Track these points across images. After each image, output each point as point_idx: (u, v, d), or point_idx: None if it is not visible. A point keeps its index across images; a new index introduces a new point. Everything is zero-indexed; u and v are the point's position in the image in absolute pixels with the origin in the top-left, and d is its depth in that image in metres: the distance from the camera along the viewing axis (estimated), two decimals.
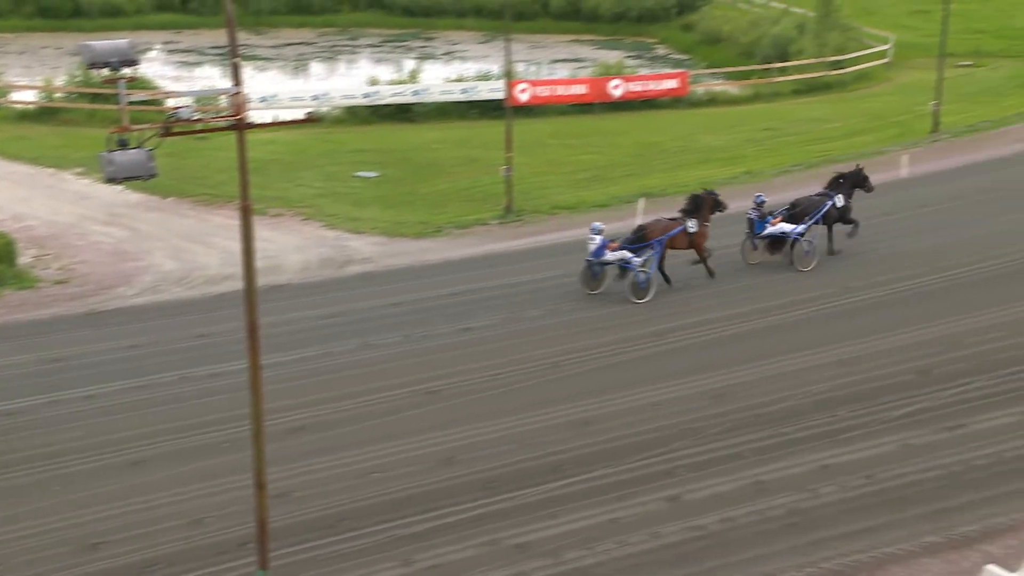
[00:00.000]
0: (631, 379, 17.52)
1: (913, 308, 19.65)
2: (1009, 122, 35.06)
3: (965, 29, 51.68)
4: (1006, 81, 43.10)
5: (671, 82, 43.81)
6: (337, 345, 19.16)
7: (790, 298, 20.49)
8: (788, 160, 32.89)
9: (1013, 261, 21.52)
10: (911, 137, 34.51)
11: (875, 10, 58.06)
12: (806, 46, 47.35)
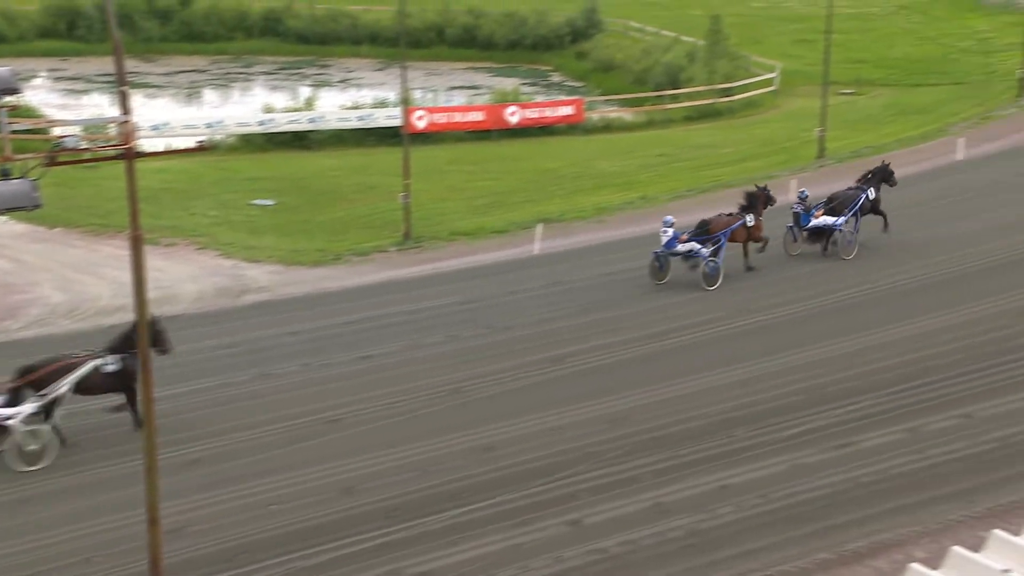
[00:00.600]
0: (531, 404, 17.59)
1: (803, 329, 20.15)
2: (888, 148, 36.33)
3: (846, 59, 53.52)
4: (885, 109, 44.71)
5: (567, 109, 44.35)
6: (234, 375, 18.82)
7: (688, 321, 20.83)
8: (682, 185, 33.53)
9: (895, 284, 22.25)
10: (798, 162, 35.50)
11: (761, 39, 59.76)
12: (696, 74, 48.46)
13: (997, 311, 20.16)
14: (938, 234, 25.10)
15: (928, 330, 19.59)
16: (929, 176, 31.80)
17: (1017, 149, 34.05)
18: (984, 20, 61.83)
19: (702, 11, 62.76)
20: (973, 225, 25.69)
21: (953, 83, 48.55)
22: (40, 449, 15.63)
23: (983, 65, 51.43)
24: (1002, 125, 38.19)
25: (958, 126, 38.78)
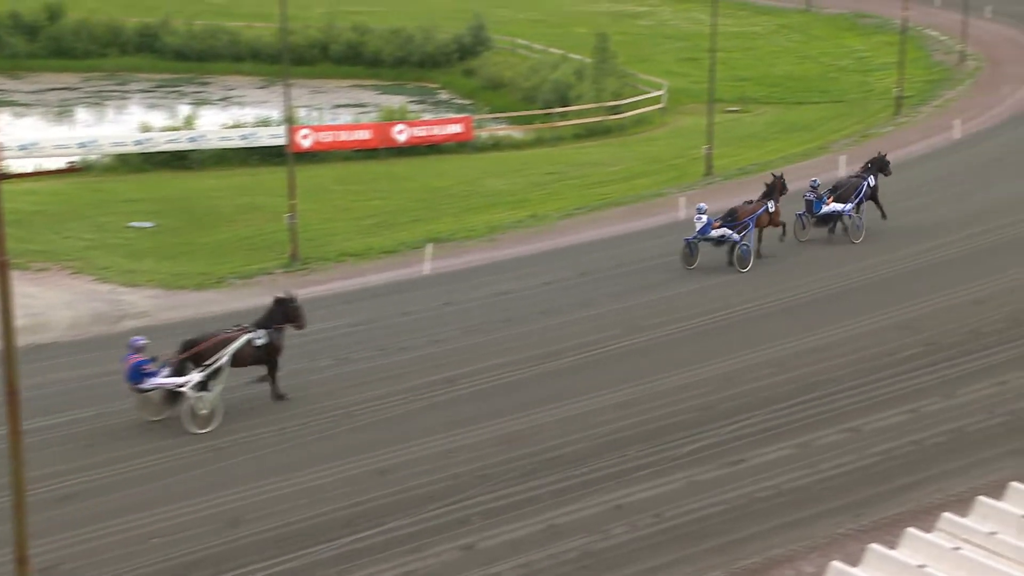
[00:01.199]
0: (425, 426, 17.49)
1: (693, 347, 20.49)
2: (773, 165, 37.26)
3: (731, 76, 54.92)
4: (769, 126, 45.95)
5: (455, 127, 44.44)
6: (112, 405, 18.26)
7: (581, 340, 20.98)
8: (572, 203, 33.85)
9: (779, 300, 22.80)
10: (687, 179, 36.19)
11: (648, 57, 60.89)
12: (585, 91, 49.09)
13: (879, 326, 20.83)
14: (823, 251, 25.83)
15: (814, 346, 20.11)
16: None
17: (894, 167, 35.24)
18: (860, 40, 64.13)
19: (588, 29, 63.70)
20: (852, 243, 26.48)
21: (833, 101, 50.18)
22: (209, 413, 17.57)
23: (861, 84, 53.31)
24: (880, 142, 39.55)
25: (839, 143, 40.07)
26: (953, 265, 24.09)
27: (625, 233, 29.65)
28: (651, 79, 52.97)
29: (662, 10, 78.92)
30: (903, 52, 45.88)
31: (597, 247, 28.31)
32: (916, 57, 55.36)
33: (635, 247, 27.90)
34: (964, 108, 43.40)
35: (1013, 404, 17.12)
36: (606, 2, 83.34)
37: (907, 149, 37.62)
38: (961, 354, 19.09)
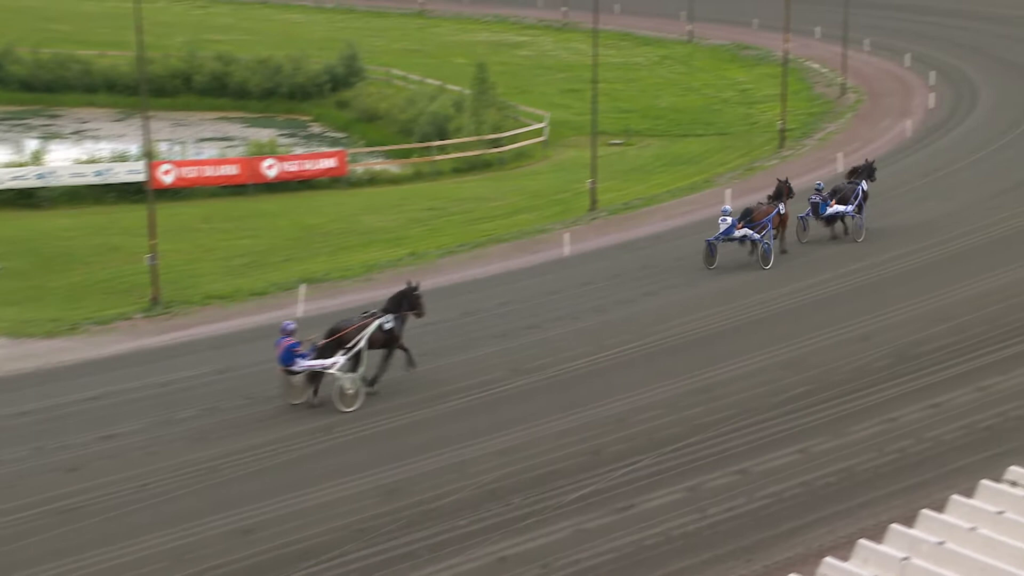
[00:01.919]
0: (298, 479, 17.22)
1: (577, 389, 20.65)
2: (660, 199, 38.10)
3: (614, 109, 55.99)
4: (654, 159, 46.92)
5: (329, 161, 44.23)
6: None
7: (459, 384, 20.97)
8: (453, 240, 33.93)
9: (668, 338, 23.20)
10: (571, 215, 36.63)
11: (529, 88, 61.67)
12: (464, 124, 49.42)
13: (765, 365, 21.32)
14: (702, 290, 26.35)
15: (702, 385, 20.48)
16: (699, 228, 33.47)
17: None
18: (743, 71, 66.12)
19: (466, 59, 64.27)
20: (735, 279, 27.14)
21: (718, 134, 51.55)
22: (355, 393, 19.82)
23: (745, 116, 54.91)
24: (765, 175, 40.74)
25: (725, 176, 41.14)
26: (839, 301, 24.87)
27: (509, 270, 29.83)
28: (532, 111, 53.64)
29: (543, 40, 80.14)
30: (785, 84, 47.46)
31: (480, 285, 28.42)
32: (798, 89, 57.29)
33: (519, 285, 28.08)
34: (846, 141, 45.04)
35: (902, 442, 17.69)
36: (484, 31, 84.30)
37: (793, 182, 38.71)
38: (849, 391, 19.68)
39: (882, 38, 66.12)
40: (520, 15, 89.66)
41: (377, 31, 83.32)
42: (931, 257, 27.38)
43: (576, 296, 26.51)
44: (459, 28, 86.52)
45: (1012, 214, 30.70)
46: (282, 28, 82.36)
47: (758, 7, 78.64)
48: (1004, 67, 57.04)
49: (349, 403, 19.77)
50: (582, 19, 78.36)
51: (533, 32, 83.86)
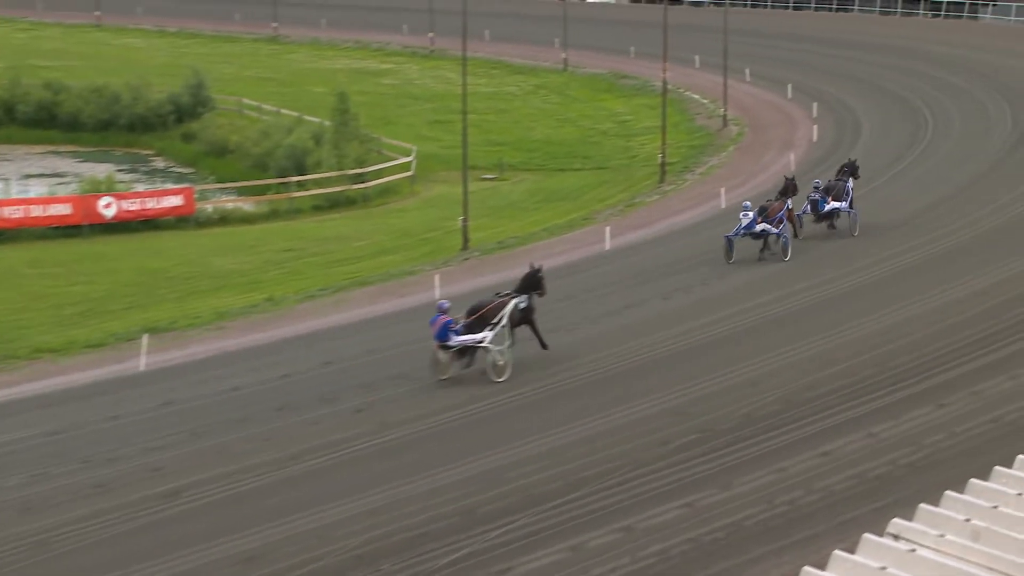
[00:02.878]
0: (139, 551, 16.78)
1: (449, 444, 20.61)
2: (536, 237, 38.50)
3: (486, 141, 56.56)
4: (529, 195, 47.46)
5: (174, 199, 43.57)
6: None
7: (315, 443, 20.69)
8: (314, 284, 33.72)
9: (547, 386, 23.32)
10: (442, 255, 36.76)
11: (394, 120, 61.88)
12: (325, 158, 49.28)
13: (649, 413, 21.60)
14: (581, 334, 26.65)
15: (581, 436, 20.61)
16: (578, 267, 33.97)
17: (661, 238, 37.15)
18: (621, 102, 67.53)
19: (325, 88, 64.16)
20: (621, 320, 27.58)
21: (596, 168, 52.46)
22: (504, 364, 23.28)
23: (624, 149, 56.02)
24: (647, 212, 41.62)
25: (604, 212, 41.82)
26: (727, 344, 25.41)
27: (374, 316, 29.74)
28: (398, 144, 53.81)
29: (408, 68, 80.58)
30: (665, 116, 48.60)
31: (343, 332, 28.25)
32: (678, 121, 58.74)
33: (387, 331, 28.01)
34: (729, 175, 46.29)
35: (792, 493, 18.08)
36: (344, 58, 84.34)
37: (674, 218, 39.69)
38: (737, 440, 20.06)
39: (763, 67, 68.30)
40: (383, 41, 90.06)
41: (226, 57, 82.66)
42: (814, 298, 28.19)
43: None
44: (316, 54, 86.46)
45: (896, 252, 31.81)
46: (119, 53, 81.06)
47: (635, 35, 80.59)
48: (884, 97, 59.45)
49: (500, 373, 23.28)
50: (450, 46, 79.03)
51: (397, 59, 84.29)
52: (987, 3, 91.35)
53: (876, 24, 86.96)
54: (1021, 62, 65.74)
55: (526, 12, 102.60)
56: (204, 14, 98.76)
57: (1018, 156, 43.83)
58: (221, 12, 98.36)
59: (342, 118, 51.82)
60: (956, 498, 12.32)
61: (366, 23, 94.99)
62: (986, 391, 21.42)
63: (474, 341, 23.30)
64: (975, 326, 25.10)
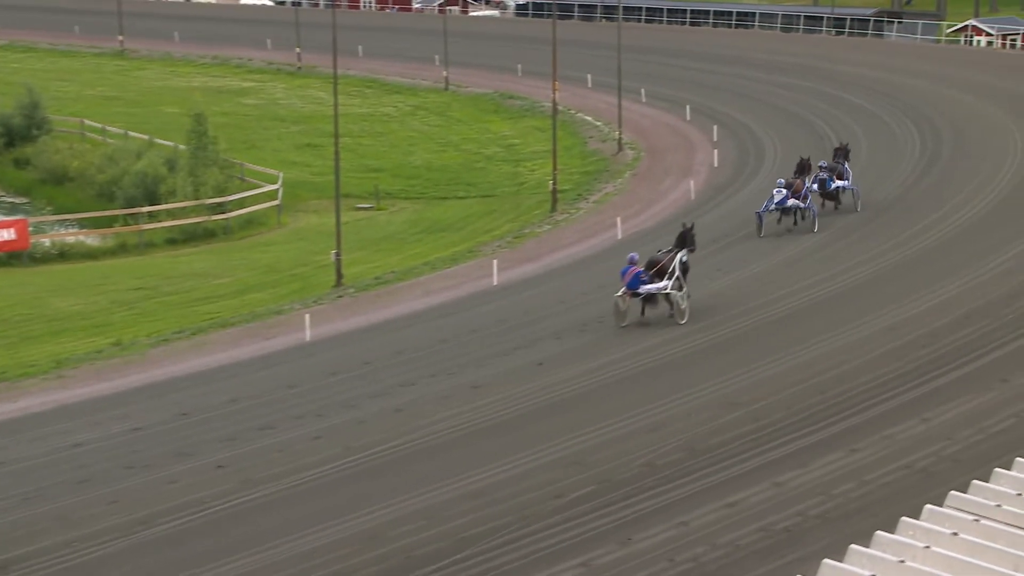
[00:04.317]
0: None
1: (320, 502, 20.44)
2: (417, 272, 38.55)
3: (361, 167, 56.59)
4: (409, 226, 47.52)
5: (5, 232, 42.65)
6: None
7: (169, 504, 20.37)
8: (168, 326, 33.30)
9: (429, 435, 23.29)
10: (313, 292, 36.59)
11: (258, 144, 61.54)
12: (180, 186, 48.77)
13: (544, 462, 21.71)
14: (466, 378, 26.73)
15: (470, 491, 20.63)
16: (464, 305, 34.08)
17: (553, 272, 37.50)
18: (508, 124, 68.17)
19: (180, 108, 63.57)
20: (510, 363, 27.73)
21: (482, 196, 52.82)
22: (686, 307, 29.29)
23: (512, 175, 56.51)
24: (537, 244, 41.99)
25: (491, 245, 42.09)
26: (622, 387, 25.72)
27: (238, 361, 29.48)
28: (263, 170, 53.52)
29: (273, 86, 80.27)
30: (555, 139, 49.17)
31: (202, 379, 27.93)
32: (570, 145, 59.49)
33: (251, 377, 27.78)
34: (625, 203, 46.99)
35: (695, 548, 18.30)
36: (201, 75, 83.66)
37: (567, 251, 40.12)
38: (637, 492, 20.28)
39: (659, 87, 69.61)
40: (244, 56, 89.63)
41: (66, 74, 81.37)
42: (715, 338, 28.66)
43: (320, 389, 26.38)
44: (170, 71, 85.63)
45: (796, 289, 32.48)
46: None
47: (522, 51, 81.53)
48: (788, 119, 61.00)
49: (681, 315, 29.25)
50: (320, 62, 79.08)
51: (261, 77, 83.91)
52: (892, 20, 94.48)
53: (778, 41, 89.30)
54: (928, 83, 68.07)
55: (403, 26, 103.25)
56: (40, 25, 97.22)
57: (927, 182, 45.30)
58: (59, 23, 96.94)
59: (199, 142, 51.31)
60: (861, 552, 12.65)
61: (225, 37, 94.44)
62: (897, 435, 22.02)
63: (659, 289, 29.37)
64: (884, 366, 25.79)
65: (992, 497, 17.14)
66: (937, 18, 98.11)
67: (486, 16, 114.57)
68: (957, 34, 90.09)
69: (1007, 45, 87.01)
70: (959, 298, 30.39)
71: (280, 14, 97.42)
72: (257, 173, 53.42)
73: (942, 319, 28.73)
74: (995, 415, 22.65)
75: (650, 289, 29.31)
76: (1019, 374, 24.82)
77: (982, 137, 52.39)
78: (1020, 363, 25.52)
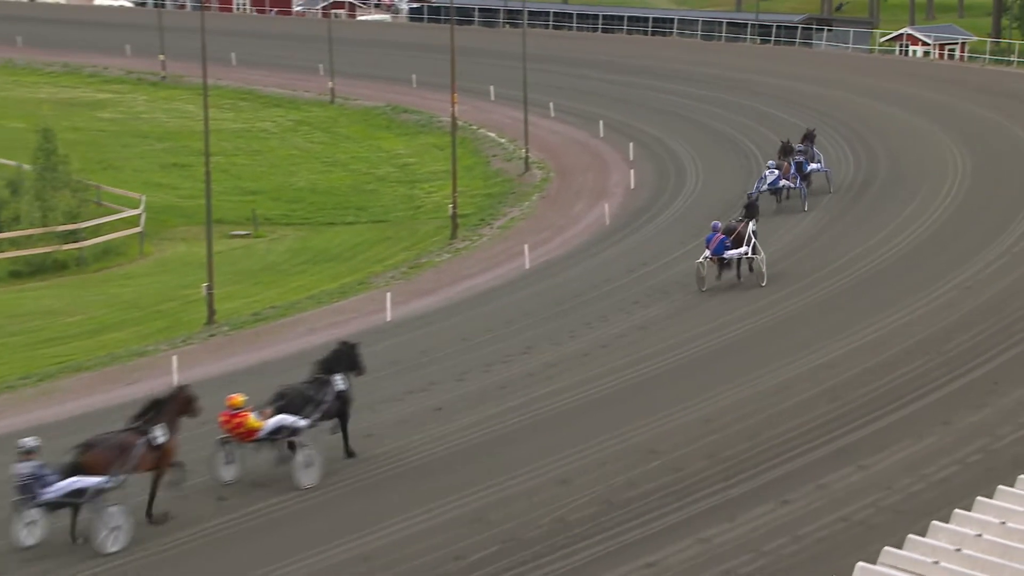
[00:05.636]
0: None
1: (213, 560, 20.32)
2: (301, 307, 38.31)
3: (236, 189, 56.24)
4: (291, 256, 47.25)
5: None
6: None
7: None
8: (11, 371, 32.89)
9: (308, 495, 23.13)
10: (181, 331, 36.22)
11: (117, 163, 60.88)
12: (24, 211, 48.02)
13: (442, 521, 21.67)
14: (358, 425, 26.54)
15: (358, 553, 20.58)
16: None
17: (453, 306, 37.46)
18: (402, 141, 68.23)
19: (25, 123, 62.68)
20: (404, 408, 27.64)
21: (373, 221, 52.74)
22: (766, 270, 35.90)
23: (407, 198, 56.52)
24: (436, 275, 41.97)
25: (384, 276, 41.99)
26: (529, 434, 25.72)
27: (95, 410, 29.07)
28: (123, 193, 52.94)
29: (133, 98, 79.55)
30: (455, 158, 49.29)
31: (51, 432, 27.30)
32: (472, 164, 59.69)
33: (109, 429, 27.30)
34: (533, 229, 47.20)
35: None
36: (49, 85, 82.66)
37: (469, 282, 40.15)
38: (546, 552, 20.28)
39: (570, 100, 70.17)
40: (100, 64, 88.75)
41: None
42: (632, 379, 28.80)
43: (189, 441, 26.00)
44: (11, 80, 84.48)
45: (724, 323, 32.80)
46: None
47: (417, 60, 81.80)
48: (710, 136, 61.78)
49: (762, 278, 35.28)
50: (187, 71, 78.52)
51: (119, 87, 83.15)
52: (822, 28, 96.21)
53: (699, 51, 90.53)
54: (861, 96, 69.32)
55: (283, 31, 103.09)
56: None
57: (861, 206, 46.11)
58: None
59: (47, 161, 50.52)
60: None
61: (77, 42, 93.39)
62: (833, 484, 22.31)
63: (741, 254, 35.12)
64: (818, 407, 26.13)
65: (928, 553, 17.44)
66: (870, 26, 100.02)
67: (376, 21, 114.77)
68: (891, 43, 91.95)
69: (945, 55, 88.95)
70: (899, 331, 30.90)
71: (141, 17, 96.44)
72: (116, 196, 52.79)
73: (880, 355, 29.19)
74: (936, 461, 23.06)
75: (733, 254, 35.05)
76: (961, 415, 25.26)
77: (920, 157, 53.47)
78: (962, 403, 25.98)
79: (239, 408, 23.04)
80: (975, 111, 63.81)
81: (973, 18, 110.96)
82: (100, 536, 20.60)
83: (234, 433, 23.04)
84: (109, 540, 20.64)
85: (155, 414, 22.20)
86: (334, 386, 24.22)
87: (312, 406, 23.64)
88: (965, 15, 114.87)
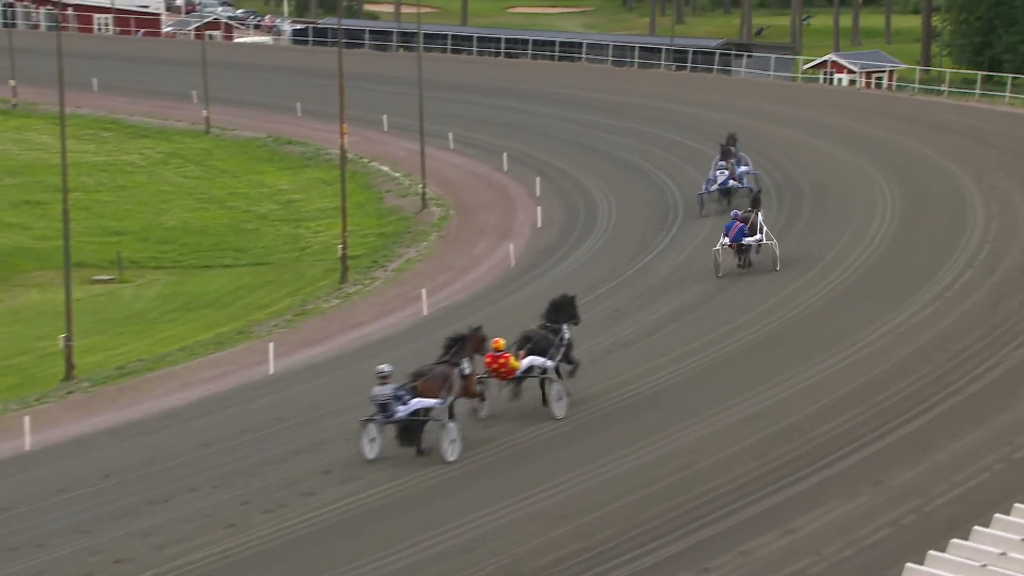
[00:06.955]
0: None
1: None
2: (172, 360, 37.99)
3: (99, 229, 55.67)
4: (162, 302, 46.84)
5: None
6: None
7: None
8: None
9: (184, 570, 22.96)
10: (35, 388, 35.81)
11: None
12: None
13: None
14: (235, 491, 26.35)
15: None
16: (231, 399, 33.66)
17: (344, 356, 37.34)
18: (285, 176, 68.03)
19: None
20: (288, 471, 27.43)
21: (254, 263, 52.49)
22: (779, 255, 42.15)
23: (291, 238, 56.32)
24: (324, 322, 41.83)
25: (266, 325, 41.76)
26: (425, 499, 25.60)
27: None
28: None
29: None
30: (345, 195, 49.21)
31: None
32: (363, 201, 59.65)
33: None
34: (432, 272, 47.24)
35: None
36: None
37: (361, 330, 40.04)
38: None
39: (471, 131, 70.46)
40: None
41: None
42: (542, 435, 28.79)
43: (43, 512, 25.76)
44: None
45: (645, 371, 32.89)
46: None
47: (302, 87, 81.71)
48: (620, 169, 62.15)
49: (776, 262, 41.41)
50: (41, 98, 77.72)
51: None
52: (741, 53, 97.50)
53: (609, 78, 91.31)
54: (783, 128, 70.06)
55: (151, 54, 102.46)
56: None
57: (786, 245, 46.63)
58: None
59: None
60: None
61: None
62: (757, 551, 22.40)
63: (757, 241, 41.43)
64: (741, 465, 26.22)
65: None
66: (792, 51, 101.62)
67: (256, 44, 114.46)
68: (815, 70, 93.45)
69: (872, 84, 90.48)
70: (828, 381, 31.14)
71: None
72: None
73: (808, 407, 29.41)
74: (868, 524, 23.25)
75: (750, 241, 41.56)
76: (894, 473, 25.46)
77: (847, 192, 54.14)
78: (895, 460, 26.17)
79: (501, 351, 28.66)
80: (904, 143, 64.79)
81: (901, 44, 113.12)
82: (443, 447, 26.67)
83: (498, 372, 28.83)
84: (449, 450, 26.74)
85: (458, 349, 28.14)
86: (563, 333, 29.95)
87: (555, 348, 29.50)
88: (893, 41, 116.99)
